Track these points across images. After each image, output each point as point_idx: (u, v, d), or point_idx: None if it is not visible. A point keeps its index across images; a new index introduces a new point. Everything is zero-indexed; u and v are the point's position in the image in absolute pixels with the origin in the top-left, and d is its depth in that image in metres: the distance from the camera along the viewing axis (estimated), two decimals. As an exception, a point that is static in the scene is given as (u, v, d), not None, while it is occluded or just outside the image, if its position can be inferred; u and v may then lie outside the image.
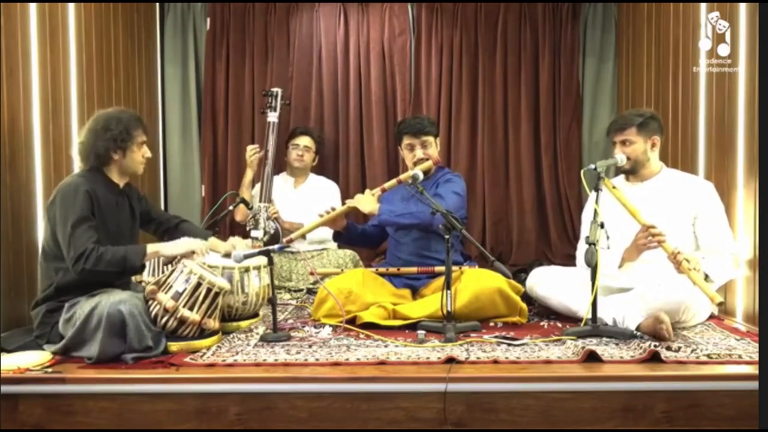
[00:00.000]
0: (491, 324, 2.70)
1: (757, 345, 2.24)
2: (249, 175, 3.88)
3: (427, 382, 2.01)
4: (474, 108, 4.41)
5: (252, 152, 3.87)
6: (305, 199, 3.92)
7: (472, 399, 1.99)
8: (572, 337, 2.41)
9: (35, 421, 2.04)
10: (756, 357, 2.15)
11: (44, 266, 2.42)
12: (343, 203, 3.19)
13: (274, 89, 3.99)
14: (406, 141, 3.15)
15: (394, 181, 3.04)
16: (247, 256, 2.53)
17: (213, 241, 2.74)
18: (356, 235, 3.22)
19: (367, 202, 2.98)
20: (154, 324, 2.28)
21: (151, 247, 2.41)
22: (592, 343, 2.29)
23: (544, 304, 2.86)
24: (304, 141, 3.94)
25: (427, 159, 3.08)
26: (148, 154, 2.54)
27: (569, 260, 3.55)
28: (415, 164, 3.07)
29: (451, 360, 2.12)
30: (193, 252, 2.47)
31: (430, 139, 3.13)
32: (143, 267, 2.45)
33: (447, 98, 4.39)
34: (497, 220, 4.43)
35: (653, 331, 2.36)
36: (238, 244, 2.75)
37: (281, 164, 4.07)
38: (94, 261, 2.26)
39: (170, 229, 2.75)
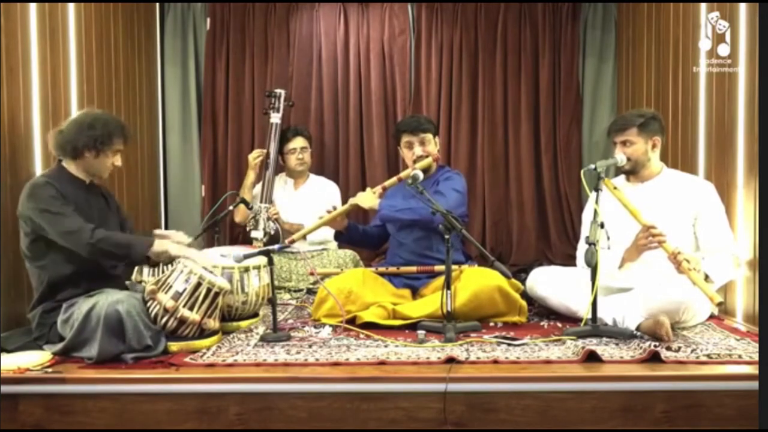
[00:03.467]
0: (491, 324, 2.69)
1: (757, 345, 2.24)
2: (251, 176, 3.88)
3: (427, 382, 2.01)
4: (474, 108, 4.42)
5: (255, 157, 3.86)
6: (305, 200, 3.92)
7: (472, 399, 1.99)
8: (572, 337, 2.41)
9: (35, 421, 2.04)
10: (756, 357, 2.15)
11: (30, 269, 2.43)
12: (344, 203, 3.19)
13: (278, 90, 3.98)
14: (404, 139, 3.15)
15: (394, 179, 3.04)
16: (246, 256, 2.53)
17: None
18: (357, 235, 3.22)
19: (367, 198, 2.98)
20: (153, 324, 2.28)
21: (158, 244, 2.41)
22: (592, 343, 2.29)
23: (544, 304, 2.85)
24: (299, 143, 3.93)
25: (427, 156, 3.08)
26: (119, 162, 2.54)
27: (569, 260, 3.55)
28: (415, 162, 3.07)
29: (451, 360, 2.12)
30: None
31: (429, 136, 3.12)
32: (147, 259, 2.45)
33: (447, 98, 4.39)
34: (497, 220, 4.43)
35: (653, 332, 2.36)
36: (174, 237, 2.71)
37: (283, 167, 4.06)
38: (100, 236, 2.29)
39: None
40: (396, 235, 3.16)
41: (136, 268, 2.72)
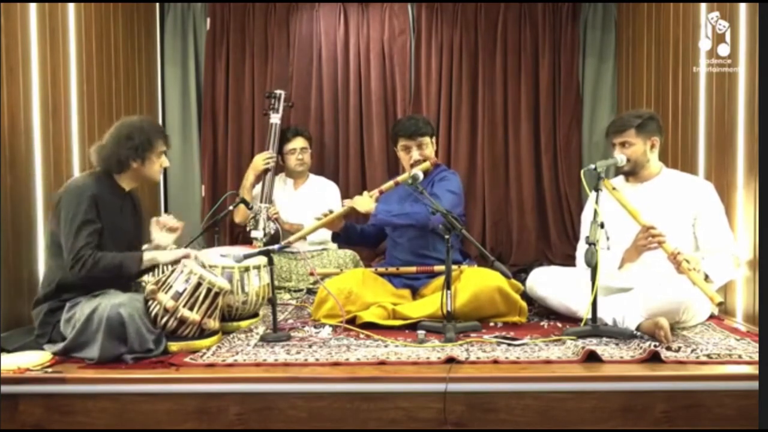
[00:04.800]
0: (491, 324, 2.69)
1: (757, 345, 2.24)
2: (251, 177, 3.87)
3: (427, 382, 2.01)
4: (474, 108, 4.42)
5: (265, 160, 3.83)
6: (305, 200, 3.92)
7: (472, 399, 1.99)
8: (572, 337, 2.41)
9: (35, 421, 2.04)
10: (756, 357, 2.15)
11: (49, 263, 2.43)
12: (343, 204, 3.18)
13: (277, 91, 3.98)
14: (401, 143, 3.14)
15: (391, 183, 3.02)
16: (247, 256, 2.53)
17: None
18: (355, 235, 3.21)
19: (363, 202, 2.97)
20: (154, 324, 2.28)
21: (147, 255, 2.42)
22: (592, 343, 2.29)
23: (544, 304, 2.86)
24: (299, 143, 3.92)
25: (425, 160, 3.07)
26: (167, 163, 2.56)
27: (569, 260, 3.55)
28: (412, 166, 3.05)
29: (451, 360, 2.12)
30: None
31: (426, 139, 3.11)
32: (140, 273, 2.46)
33: (447, 98, 4.39)
34: (497, 220, 4.43)
35: (653, 333, 2.36)
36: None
37: (282, 166, 4.05)
38: (90, 266, 2.28)
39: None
40: (392, 234, 3.16)
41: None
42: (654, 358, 2.11)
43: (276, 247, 2.65)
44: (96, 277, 2.31)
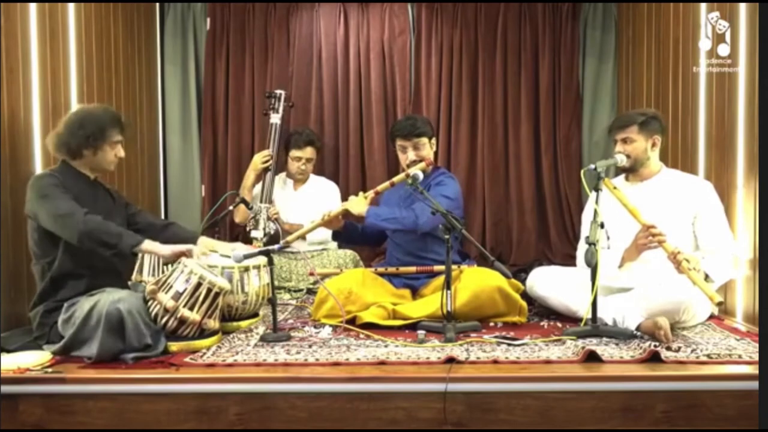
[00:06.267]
0: (491, 324, 2.70)
1: (757, 345, 2.24)
2: (251, 177, 3.86)
3: (427, 382, 2.01)
4: (474, 108, 4.42)
5: (264, 160, 3.82)
6: (305, 200, 3.91)
7: (472, 399, 2.00)
8: (572, 337, 2.41)
9: (35, 421, 2.04)
10: (756, 357, 2.15)
11: (36, 267, 2.44)
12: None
13: (278, 91, 3.97)
14: (398, 143, 3.13)
15: (387, 184, 3.01)
16: (247, 256, 2.54)
17: (203, 240, 2.71)
18: (356, 234, 3.21)
19: (357, 204, 2.95)
20: (154, 324, 2.28)
21: (148, 243, 2.39)
22: (592, 343, 2.29)
23: (544, 303, 2.86)
24: (308, 153, 3.87)
25: (421, 161, 3.06)
26: (121, 153, 2.54)
27: (569, 260, 3.55)
28: (408, 166, 3.05)
29: (451, 360, 2.12)
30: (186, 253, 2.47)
31: (423, 140, 3.09)
32: (134, 255, 2.45)
33: (447, 98, 4.39)
34: (497, 220, 4.43)
35: (653, 333, 2.36)
36: (238, 248, 2.76)
37: (282, 165, 4.06)
38: (92, 224, 2.27)
39: (157, 234, 2.62)
40: (392, 236, 3.16)
41: (136, 267, 2.74)
42: (654, 358, 2.12)
43: (276, 247, 2.65)
44: (96, 237, 2.28)
